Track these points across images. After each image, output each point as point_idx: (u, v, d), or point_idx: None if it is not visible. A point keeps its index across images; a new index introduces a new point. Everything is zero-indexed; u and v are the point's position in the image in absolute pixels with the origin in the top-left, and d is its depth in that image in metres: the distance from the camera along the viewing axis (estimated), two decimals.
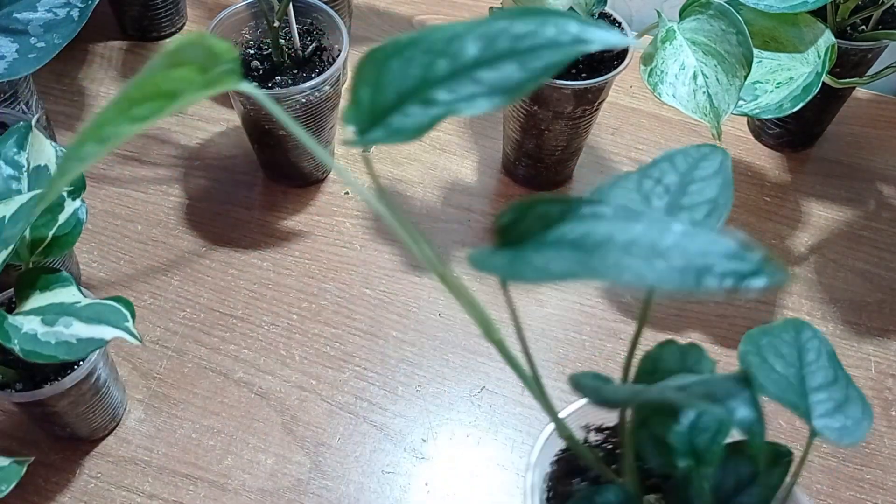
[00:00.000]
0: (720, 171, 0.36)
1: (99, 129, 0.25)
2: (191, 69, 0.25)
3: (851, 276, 0.73)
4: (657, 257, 0.23)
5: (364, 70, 0.26)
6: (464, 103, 0.25)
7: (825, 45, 0.62)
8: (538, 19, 0.24)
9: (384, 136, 0.26)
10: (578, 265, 0.24)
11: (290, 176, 0.76)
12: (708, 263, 0.22)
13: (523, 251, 0.26)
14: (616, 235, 0.24)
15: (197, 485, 0.60)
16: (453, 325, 0.69)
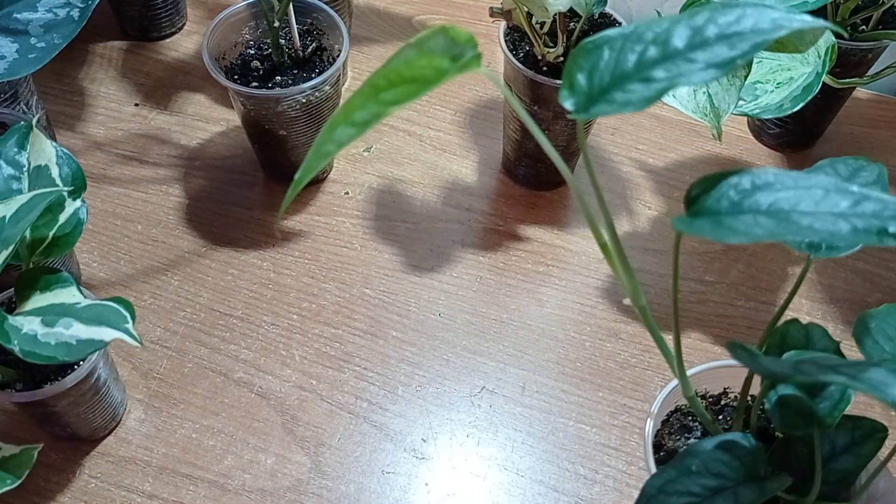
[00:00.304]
0: (878, 181, 0.41)
1: (349, 114, 0.29)
2: (436, 57, 0.29)
3: (851, 275, 0.73)
4: (841, 220, 0.27)
5: (577, 59, 0.30)
6: (683, 77, 0.28)
7: (825, 45, 0.62)
8: (738, 11, 0.29)
9: (610, 109, 0.29)
10: (778, 227, 0.28)
11: (290, 176, 0.75)
12: (883, 225, 0.27)
13: (721, 217, 0.29)
14: (802, 202, 0.28)
15: (197, 485, 0.60)
16: (453, 325, 0.69)
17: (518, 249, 0.73)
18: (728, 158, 0.81)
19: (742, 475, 0.36)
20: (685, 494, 0.35)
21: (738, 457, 0.37)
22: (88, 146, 0.79)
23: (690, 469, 0.36)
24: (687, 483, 0.36)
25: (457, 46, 0.29)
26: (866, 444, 0.39)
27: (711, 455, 0.37)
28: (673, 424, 0.46)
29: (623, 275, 0.33)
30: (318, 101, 0.68)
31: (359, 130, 0.29)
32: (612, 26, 0.70)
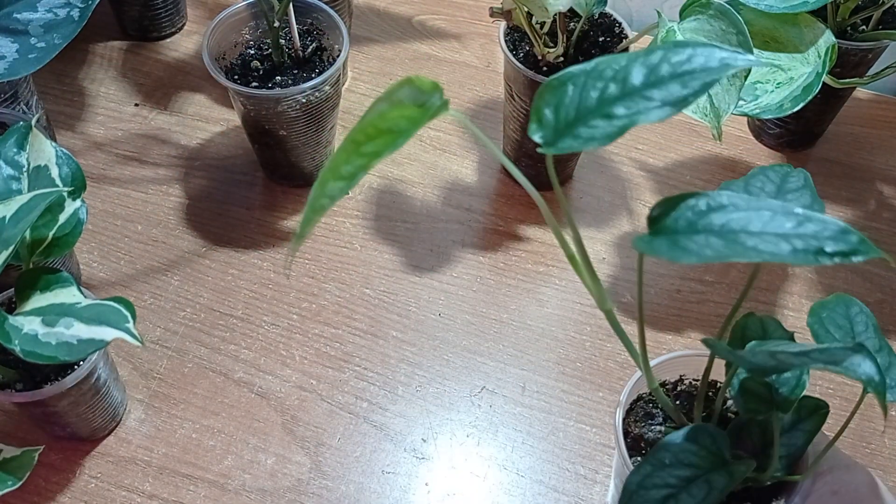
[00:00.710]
0: (807, 186, 0.43)
1: (336, 169, 0.31)
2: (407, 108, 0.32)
3: (851, 275, 0.73)
4: (783, 241, 0.29)
5: (544, 96, 0.32)
6: (641, 115, 0.30)
7: (825, 45, 0.62)
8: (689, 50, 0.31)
9: (576, 145, 0.31)
10: (726, 249, 0.30)
11: (290, 176, 0.76)
12: (821, 245, 0.29)
13: (678, 237, 0.31)
14: (752, 223, 0.30)
15: (197, 485, 0.60)
16: (453, 325, 0.69)
17: (518, 249, 0.73)
18: (728, 158, 0.81)
19: (711, 462, 0.39)
20: (663, 487, 0.38)
21: (705, 446, 0.40)
22: (88, 146, 0.79)
23: (664, 462, 0.39)
24: (663, 476, 0.38)
25: (423, 95, 0.32)
26: (811, 421, 0.42)
27: (681, 447, 0.39)
28: (637, 412, 0.49)
29: (590, 282, 0.35)
30: (318, 101, 0.67)
31: (348, 183, 0.31)
32: (612, 27, 0.70)
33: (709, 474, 0.39)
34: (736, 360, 0.38)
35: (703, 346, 0.39)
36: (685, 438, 0.40)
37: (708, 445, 0.40)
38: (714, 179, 0.79)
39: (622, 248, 0.74)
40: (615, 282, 0.72)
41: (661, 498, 0.38)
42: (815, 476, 0.42)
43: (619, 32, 0.70)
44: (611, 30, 0.70)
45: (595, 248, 0.74)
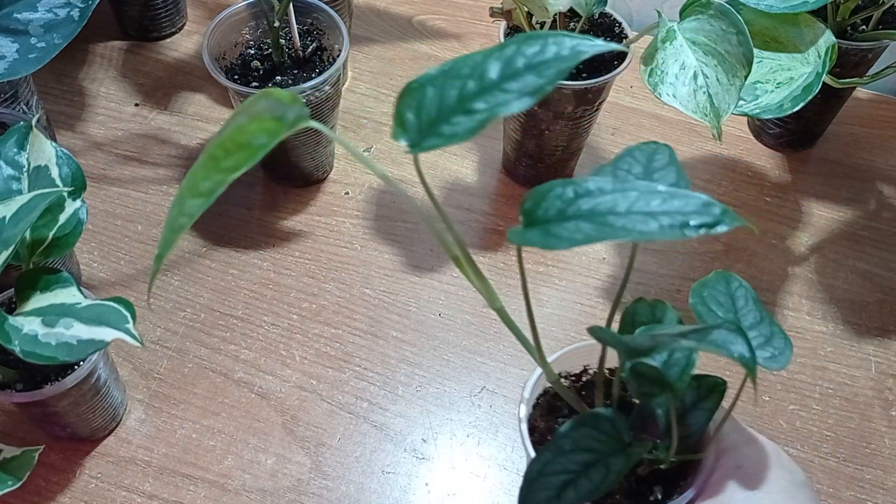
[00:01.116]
0: (672, 162, 0.44)
1: (195, 186, 0.31)
2: (265, 121, 0.32)
3: (852, 275, 0.73)
4: (650, 218, 0.30)
5: (405, 98, 0.33)
6: (501, 107, 0.31)
7: (825, 45, 0.62)
8: (541, 41, 0.32)
9: (440, 142, 0.32)
10: (596, 231, 0.31)
11: (291, 176, 0.76)
12: (686, 220, 0.30)
13: (550, 226, 0.32)
14: (618, 204, 0.31)
15: (197, 485, 0.60)
16: (453, 325, 0.69)
17: None
18: (728, 158, 0.81)
19: (610, 446, 0.40)
20: (563, 473, 0.39)
21: (603, 430, 0.41)
22: (88, 146, 0.79)
23: (564, 449, 0.39)
24: (563, 462, 0.39)
25: (282, 107, 0.32)
26: (710, 399, 0.43)
27: (581, 433, 0.40)
28: (543, 407, 0.49)
29: (476, 282, 0.35)
30: (318, 101, 0.67)
31: (206, 200, 0.30)
32: (612, 27, 0.70)
33: (607, 458, 0.40)
34: (616, 346, 0.39)
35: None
36: (585, 424, 0.41)
37: (608, 430, 0.41)
38: (714, 179, 0.79)
39: (622, 248, 0.74)
40: (615, 281, 0.72)
41: (561, 484, 0.39)
42: (719, 453, 0.43)
43: (620, 32, 0.70)
44: (611, 30, 0.70)
45: (595, 248, 0.74)
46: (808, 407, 0.66)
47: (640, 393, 0.42)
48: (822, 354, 0.69)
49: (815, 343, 0.69)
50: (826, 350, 0.69)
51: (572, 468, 0.39)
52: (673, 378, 0.42)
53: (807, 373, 0.68)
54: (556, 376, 0.42)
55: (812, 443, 0.64)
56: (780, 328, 0.44)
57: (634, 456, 0.40)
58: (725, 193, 0.78)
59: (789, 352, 0.42)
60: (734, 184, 0.79)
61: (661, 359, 0.43)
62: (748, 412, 0.65)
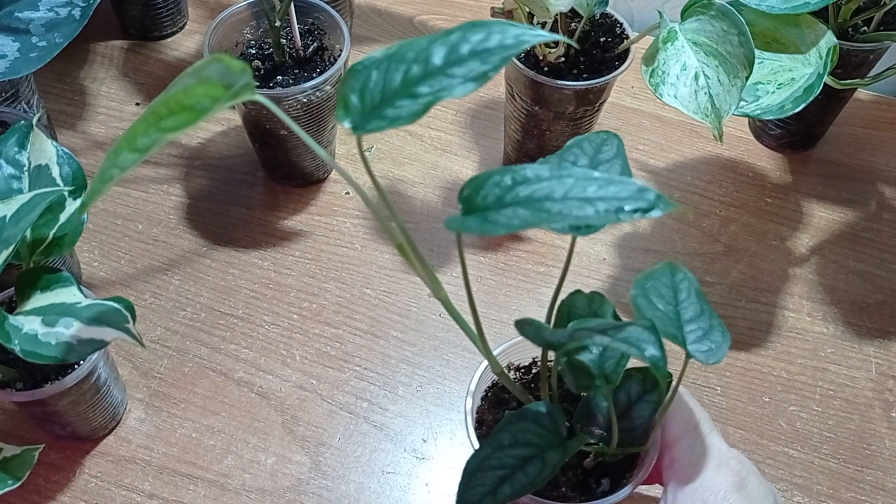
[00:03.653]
0: (619, 154, 0.44)
1: (132, 140, 0.30)
2: (213, 86, 0.31)
3: (852, 277, 0.73)
4: (586, 204, 0.31)
5: (349, 81, 0.33)
6: (444, 91, 0.31)
7: (827, 46, 0.62)
8: (486, 29, 0.32)
9: (384, 125, 0.32)
10: (533, 217, 0.31)
11: (291, 175, 0.76)
12: (621, 205, 0.30)
13: (488, 213, 0.32)
14: (555, 191, 0.32)
15: (197, 484, 0.60)
16: (453, 325, 0.68)
17: (519, 250, 0.73)
18: (729, 159, 0.81)
19: (547, 440, 0.40)
20: (500, 468, 0.39)
21: (542, 424, 0.41)
22: (89, 145, 0.79)
23: (503, 443, 0.40)
24: (501, 457, 0.39)
25: (231, 75, 0.31)
26: (656, 391, 0.43)
27: (520, 427, 0.40)
28: (491, 400, 0.49)
29: (421, 271, 0.35)
30: (319, 100, 0.67)
31: (140, 155, 0.30)
32: (613, 27, 0.70)
33: (545, 452, 0.40)
34: (534, 340, 0.39)
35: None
36: (524, 419, 0.41)
37: (546, 424, 0.41)
38: (715, 180, 0.79)
39: (622, 248, 0.74)
40: (615, 282, 0.72)
41: (497, 479, 0.39)
42: (689, 467, 0.43)
43: (621, 33, 0.70)
44: (612, 30, 0.70)
45: (595, 249, 0.74)
46: (809, 408, 0.66)
47: (577, 386, 0.43)
48: (822, 356, 0.69)
49: (815, 344, 0.69)
50: (826, 351, 0.69)
51: (510, 463, 0.39)
52: (609, 370, 0.43)
53: (807, 374, 0.68)
54: (500, 367, 0.42)
55: (812, 444, 0.64)
56: (719, 322, 0.44)
57: (571, 449, 0.40)
58: (726, 194, 0.78)
59: (726, 346, 0.42)
60: (735, 185, 0.79)
61: (598, 351, 0.43)
62: (748, 413, 0.65)
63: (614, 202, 0.31)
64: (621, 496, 0.43)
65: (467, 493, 0.38)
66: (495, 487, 0.38)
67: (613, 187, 0.31)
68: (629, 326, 0.36)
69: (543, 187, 0.32)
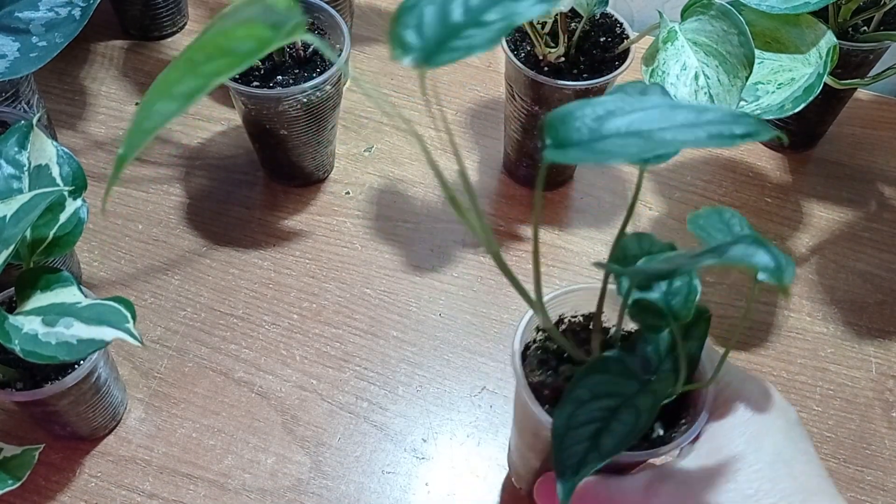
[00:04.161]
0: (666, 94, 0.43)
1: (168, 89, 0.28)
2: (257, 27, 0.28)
3: (852, 277, 0.73)
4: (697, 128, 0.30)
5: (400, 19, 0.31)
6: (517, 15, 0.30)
7: (827, 46, 0.62)
8: None
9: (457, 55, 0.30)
10: (647, 144, 0.30)
11: (291, 175, 0.76)
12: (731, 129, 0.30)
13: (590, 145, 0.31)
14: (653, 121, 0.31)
15: (197, 484, 0.60)
16: (454, 325, 0.69)
17: (519, 250, 0.73)
18: (728, 159, 0.81)
19: (629, 388, 0.39)
20: (590, 422, 0.38)
21: (616, 373, 0.40)
22: (89, 145, 0.79)
23: (583, 399, 0.38)
24: (587, 411, 0.38)
25: (277, 14, 0.29)
26: (698, 327, 0.42)
27: (594, 380, 0.39)
28: (531, 362, 0.47)
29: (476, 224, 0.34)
30: (319, 100, 0.67)
31: (180, 105, 0.28)
32: (613, 27, 0.70)
33: (632, 399, 0.39)
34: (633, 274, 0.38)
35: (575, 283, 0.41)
36: (596, 371, 0.39)
37: (621, 372, 0.40)
38: (715, 180, 0.79)
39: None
40: None
41: (593, 433, 0.37)
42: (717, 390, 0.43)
43: (621, 33, 0.70)
44: (612, 30, 0.70)
45: (596, 249, 0.74)
46: (809, 408, 0.66)
47: (646, 327, 0.42)
48: (822, 355, 0.69)
49: (815, 344, 0.69)
50: (826, 351, 0.69)
51: (599, 416, 0.38)
52: (677, 308, 0.42)
53: (807, 374, 0.68)
54: (551, 322, 0.41)
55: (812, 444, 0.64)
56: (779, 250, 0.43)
57: (660, 392, 0.39)
58: (726, 194, 0.78)
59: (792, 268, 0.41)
60: (735, 184, 0.79)
61: (661, 291, 0.42)
62: None
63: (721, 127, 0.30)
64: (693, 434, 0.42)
65: (563, 453, 0.37)
66: (594, 442, 0.37)
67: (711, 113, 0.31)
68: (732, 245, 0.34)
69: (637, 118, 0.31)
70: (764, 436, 0.41)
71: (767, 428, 0.41)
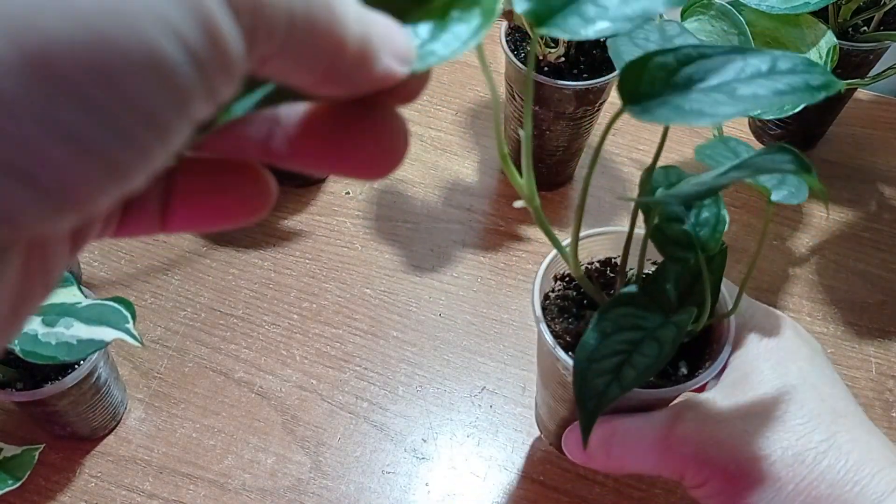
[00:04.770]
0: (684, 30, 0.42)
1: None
2: None
3: (852, 277, 0.73)
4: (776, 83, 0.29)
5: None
6: None
7: (827, 46, 0.62)
8: None
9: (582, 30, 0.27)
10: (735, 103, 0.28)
11: (291, 175, 0.76)
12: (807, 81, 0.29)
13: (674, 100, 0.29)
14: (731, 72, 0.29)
15: (197, 484, 0.60)
16: (454, 325, 0.69)
17: (519, 250, 0.73)
18: None
19: (652, 321, 0.39)
20: (613, 355, 0.37)
21: (640, 306, 0.39)
22: None
23: (607, 331, 0.38)
24: (610, 344, 0.37)
25: None
26: (715, 261, 0.42)
27: (618, 313, 0.39)
28: (551, 311, 0.47)
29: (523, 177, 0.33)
30: None
31: None
32: None
33: (654, 332, 0.38)
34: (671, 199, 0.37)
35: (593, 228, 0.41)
36: (621, 304, 0.39)
37: (644, 305, 0.39)
38: None
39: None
40: None
41: (615, 366, 0.37)
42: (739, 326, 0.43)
43: None
44: None
45: None
46: None
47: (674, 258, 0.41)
48: None
49: None
50: (827, 351, 0.69)
51: (621, 348, 0.37)
52: (705, 239, 0.41)
53: None
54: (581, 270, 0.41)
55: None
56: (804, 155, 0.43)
57: (683, 324, 0.38)
58: (726, 194, 0.78)
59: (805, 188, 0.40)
60: (735, 185, 0.79)
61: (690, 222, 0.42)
62: None
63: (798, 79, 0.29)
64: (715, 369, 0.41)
65: (585, 387, 0.36)
66: (616, 374, 0.37)
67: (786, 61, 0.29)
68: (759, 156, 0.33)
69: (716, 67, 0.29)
70: (789, 362, 0.41)
71: (792, 355, 0.41)
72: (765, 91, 0.29)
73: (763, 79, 0.29)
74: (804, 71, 0.29)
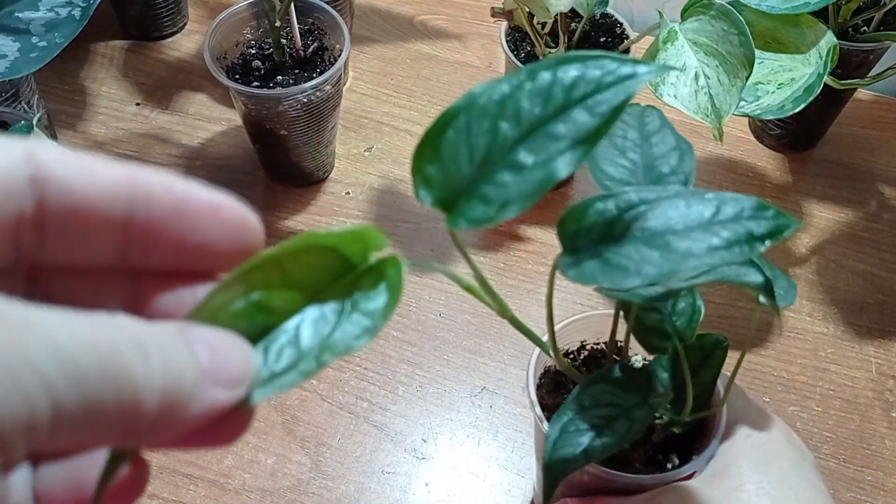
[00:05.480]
0: (665, 123, 0.42)
1: None
2: None
3: (852, 277, 0.73)
4: (712, 237, 0.28)
5: (422, 150, 0.26)
6: (556, 161, 0.25)
7: (827, 46, 0.62)
8: (577, 64, 0.25)
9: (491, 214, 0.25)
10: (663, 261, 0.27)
11: (292, 176, 0.76)
12: (749, 230, 0.28)
13: (603, 254, 0.29)
14: (672, 220, 0.28)
15: (197, 484, 0.60)
16: (454, 325, 0.69)
17: (519, 250, 0.73)
18: (729, 159, 0.81)
19: (628, 400, 0.40)
20: (587, 430, 0.38)
21: (619, 385, 0.40)
22: (90, 146, 0.79)
23: (584, 405, 0.39)
24: (585, 418, 0.39)
25: None
26: (715, 355, 0.43)
27: (598, 388, 0.40)
28: (548, 384, 0.49)
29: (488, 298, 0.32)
30: (319, 100, 0.67)
31: None
32: (613, 27, 0.70)
33: (629, 411, 0.39)
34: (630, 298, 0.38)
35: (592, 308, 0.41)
36: (602, 381, 0.40)
37: (622, 384, 0.40)
38: (715, 181, 0.79)
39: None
40: None
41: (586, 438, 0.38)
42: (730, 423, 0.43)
43: (621, 33, 0.70)
44: (612, 30, 0.70)
45: None
46: (809, 408, 0.66)
47: (651, 347, 0.42)
48: (822, 356, 0.69)
49: (815, 344, 0.69)
50: (827, 351, 0.69)
51: (595, 423, 0.39)
52: (681, 328, 0.42)
53: (807, 374, 0.68)
54: (566, 363, 0.42)
55: (812, 444, 0.64)
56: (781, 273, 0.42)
57: (657, 406, 0.40)
58: None
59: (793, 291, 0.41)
60: (735, 185, 0.79)
61: (668, 311, 0.43)
62: None
63: (739, 228, 0.28)
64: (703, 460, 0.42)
65: (554, 454, 0.38)
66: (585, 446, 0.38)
67: (730, 207, 0.28)
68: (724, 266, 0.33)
69: (657, 214, 0.29)
70: (772, 461, 0.41)
71: (777, 455, 0.42)
72: (698, 247, 0.28)
73: (701, 231, 0.28)
74: (750, 217, 0.28)
